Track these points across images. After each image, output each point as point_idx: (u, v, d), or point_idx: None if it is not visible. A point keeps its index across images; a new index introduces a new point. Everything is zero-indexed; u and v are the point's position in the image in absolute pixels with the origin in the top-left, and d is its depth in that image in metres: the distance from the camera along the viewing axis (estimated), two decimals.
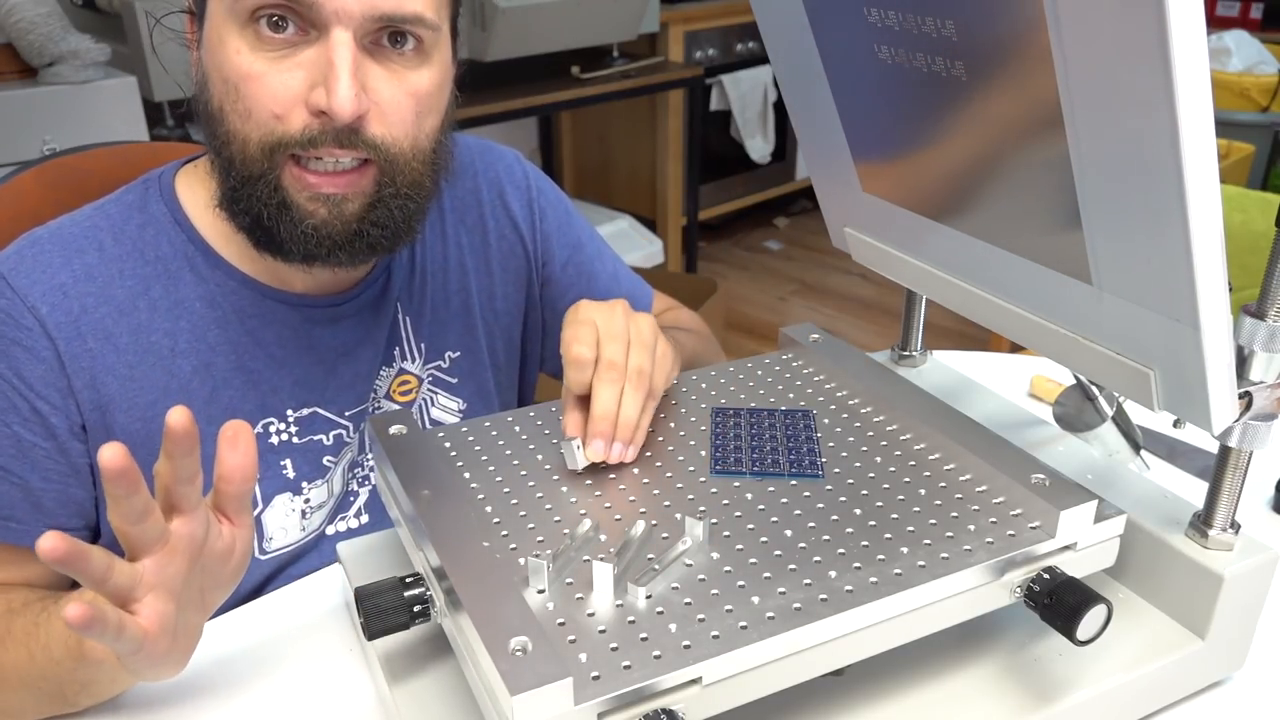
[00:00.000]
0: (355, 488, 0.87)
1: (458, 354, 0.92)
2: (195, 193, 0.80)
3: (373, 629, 0.56)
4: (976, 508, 0.60)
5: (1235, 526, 0.62)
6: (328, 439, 0.84)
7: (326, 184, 0.71)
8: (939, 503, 0.61)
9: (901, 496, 0.62)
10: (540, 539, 0.59)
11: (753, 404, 0.74)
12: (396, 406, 0.89)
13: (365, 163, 0.71)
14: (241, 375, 0.80)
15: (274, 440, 0.81)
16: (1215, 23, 3.84)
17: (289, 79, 0.68)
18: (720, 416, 0.72)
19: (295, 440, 0.82)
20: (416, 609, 0.57)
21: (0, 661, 0.65)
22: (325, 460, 0.84)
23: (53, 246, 0.76)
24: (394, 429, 0.68)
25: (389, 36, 0.69)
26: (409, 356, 0.89)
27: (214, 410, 0.78)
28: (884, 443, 0.68)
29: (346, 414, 0.85)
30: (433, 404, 0.91)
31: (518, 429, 0.71)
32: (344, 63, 0.66)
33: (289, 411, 0.82)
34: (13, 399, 0.72)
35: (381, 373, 0.87)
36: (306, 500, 0.83)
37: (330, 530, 0.86)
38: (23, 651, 0.64)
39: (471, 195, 0.93)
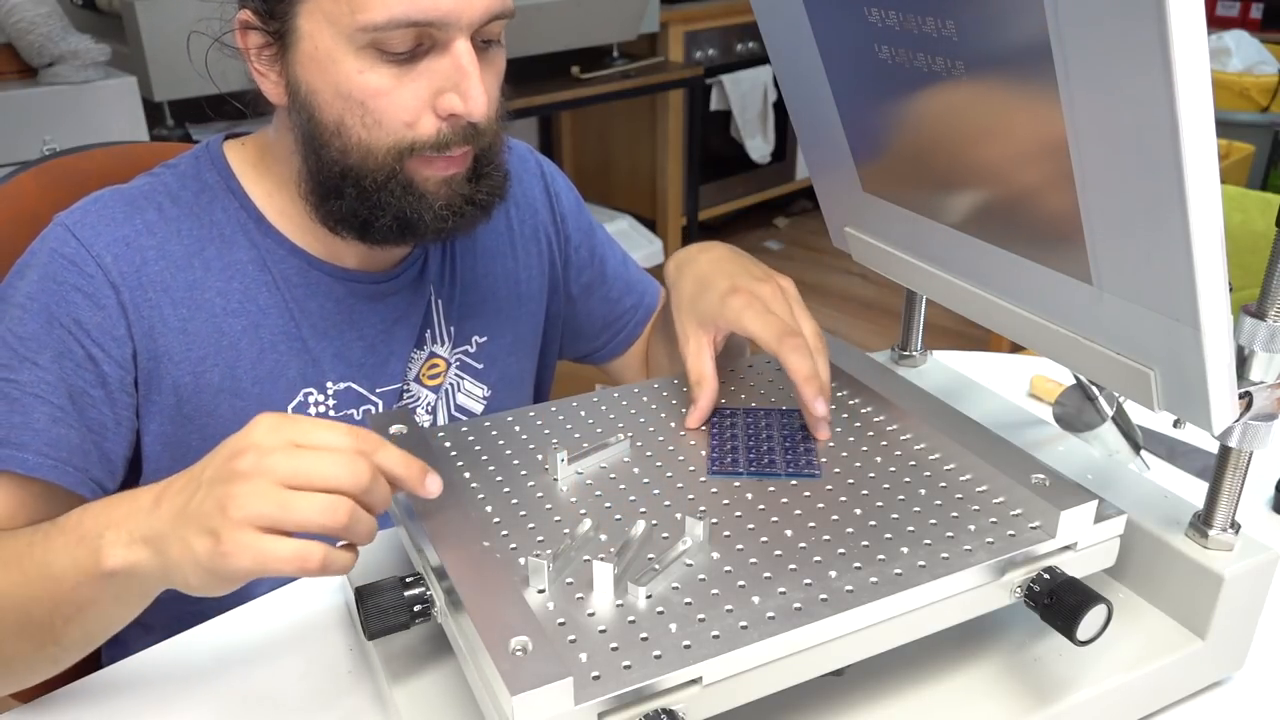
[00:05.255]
0: None
1: (484, 339, 0.94)
2: (246, 165, 0.83)
3: (373, 629, 0.56)
4: (976, 508, 0.60)
5: (1235, 526, 0.62)
6: (358, 414, 0.86)
7: (443, 169, 0.76)
8: (939, 503, 0.61)
9: (901, 496, 0.62)
10: (540, 539, 0.59)
11: (752, 403, 0.74)
12: (425, 390, 0.90)
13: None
14: (287, 341, 0.82)
15: (312, 411, 0.84)
16: (1215, 23, 3.84)
17: (417, 89, 0.72)
18: (718, 417, 0.72)
19: (331, 414, 0.84)
20: (416, 609, 0.57)
21: None
22: None
23: (115, 203, 0.79)
24: (394, 429, 0.68)
25: (486, 32, 0.74)
26: (439, 340, 0.91)
27: (260, 371, 0.81)
28: (884, 443, 0.68)
29: (378, 391, 0.87)
30: (459, 389, 0.93)
31: (518, 429, 0.71)
32: (474, 70, 0.72)
33: (328, 384, 0.84)
34: (68, 344, 0.73)
35: (413, 355, 0.89)
36: None
37: None
38: (15, 574, 0.63)
39: None
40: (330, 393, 0.84)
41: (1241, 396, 0.57)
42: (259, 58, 0.76)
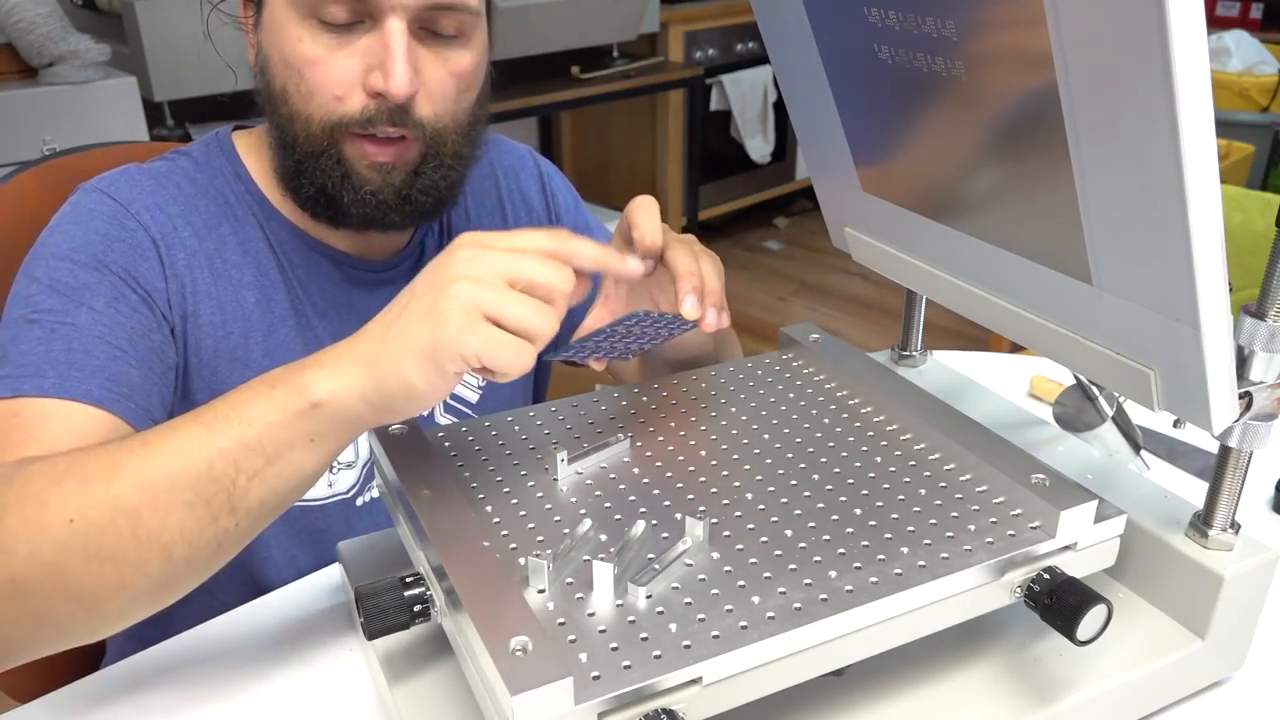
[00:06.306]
0: None
1: None
2: (250, 152, 0.86)
3: (373, 629, 0.56)
4: (976, 508, 0.60)
5: (1235, 526, 0.62)
6: None
7: (379, 153, 0.76)
8: (939, 503, 0.61)
9: (901, 496, 0.62)
10: (540, 539, 0.59)
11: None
12: None
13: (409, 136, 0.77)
14: (294, 317, 0.84)
15: None
16: (1215, 23, 3.84)
17: (348, 64, 0.74)
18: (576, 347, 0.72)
19: None
20: (416, 609, 0.57)
21: (147, 465, 0.57)
22: None
23: (141, 176, 0.82)
24: (394, 428, 0.68)
25: (434, 22, 0.74)
26: None
27: (270, 344, 0.83)
28: (884, 443, 0.68)
29: None
30: None
31: (517, 429, 0.71)
32: (399, 49, 0.72)
33: None
34: (122, 289, 0.75)
35: None
36: None
37: (359, 502, 0.88)
38: (192, 426, 0.58)
39: (489, 181, 0.98)
40: None
41: (1241, 396, 0.57)
42: (252, 30, 0.79)
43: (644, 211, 0.73)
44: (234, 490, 0.58)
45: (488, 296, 0.55)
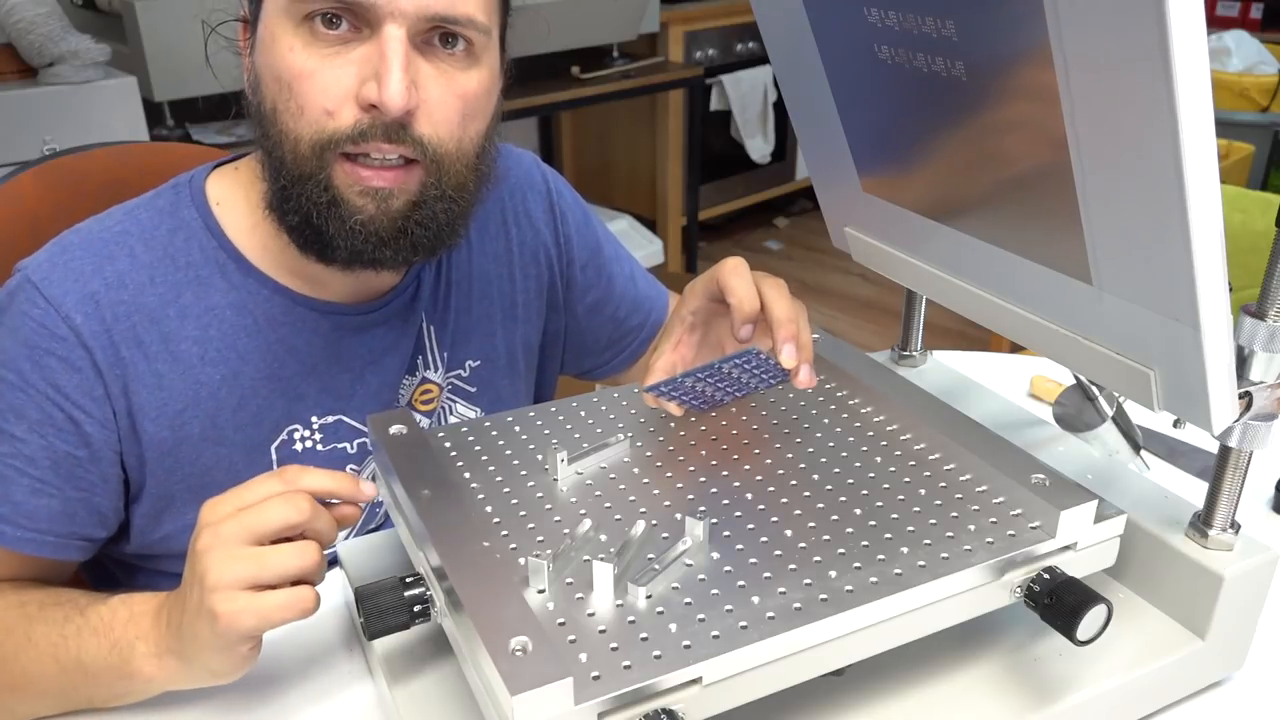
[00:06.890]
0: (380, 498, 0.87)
1: (477, 363, 0.92)
2: (228, 198, 0.79)
3: (373, 629, 0.56)
4: (976, 508, 0.60)
5: (1235, 526, 0.62)
6: (352, 447, 0.84)
7: (375, 178, 0.71)
8: (939, 503, 0.61)
9: (901, 496, 0.62)
10: (540, 539, 0.59)
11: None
12: (418, 415, 0.88)
13: (411, 163, 0.71)
14: (269, 383, 0.79)
15: (298, 447, 0.81)
16: (1215, 23, 3.84)
17: (341, 75, 0.68)
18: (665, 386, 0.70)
19: (320, 448, 0.82)
20: (416, 609, 0.57)
21: (24, 669, 0.66)
22: (349, 468, 0.84)
23: (84, 253, 0.75)
24: (394, 429, 0.68)
25: (440, 37, 0.70)
26: (431, 365, 0.89)
27: (241, 418, 0.78)
28: (884, 443, 0.68)
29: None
30: (450, 412, 0.91)
31: (518, 429, 0.71)
32: (396, 57, 0.67)
33: (314, 418, 0.82)
34: (49, 410, 0.72)
35: (405, 381, 0.87)
36: None
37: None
38: (49, 664, 0.66)
39: (493, 201, 0.93)
40: (316, 427, 0.82)
41: (1241, 396, 0.57)
42: (247, 52, 0.75)
43: (736, 276, 0.71)
44: (92, 704, 0.68)
45: (238, 569, 0.58)
